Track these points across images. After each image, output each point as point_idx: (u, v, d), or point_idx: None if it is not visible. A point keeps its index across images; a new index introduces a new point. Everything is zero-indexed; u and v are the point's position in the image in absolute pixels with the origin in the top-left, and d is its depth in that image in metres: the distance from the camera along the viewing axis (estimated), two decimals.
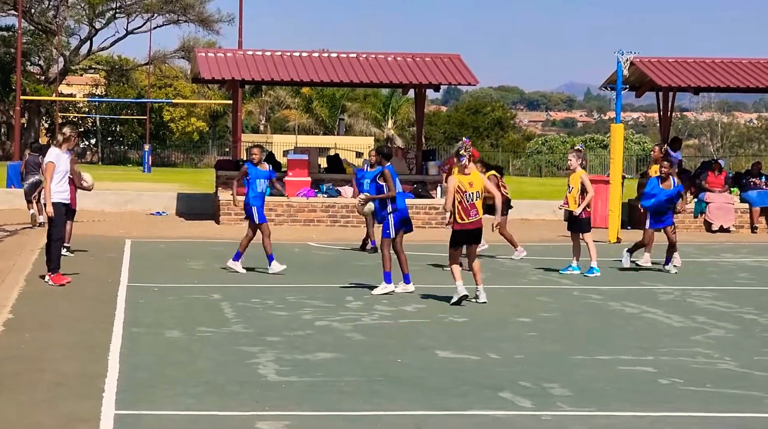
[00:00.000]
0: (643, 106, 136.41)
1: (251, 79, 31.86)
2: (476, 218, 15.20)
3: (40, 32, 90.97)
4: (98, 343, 11.83)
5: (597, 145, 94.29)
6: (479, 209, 15.22)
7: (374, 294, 16.16)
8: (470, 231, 15.22)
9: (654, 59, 33.28)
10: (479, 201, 15.17)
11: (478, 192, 15.15)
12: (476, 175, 15.31)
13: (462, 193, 15.06)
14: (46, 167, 16.77)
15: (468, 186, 15.09)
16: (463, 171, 15.24)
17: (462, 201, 15.07)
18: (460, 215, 15.11)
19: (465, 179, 15.16)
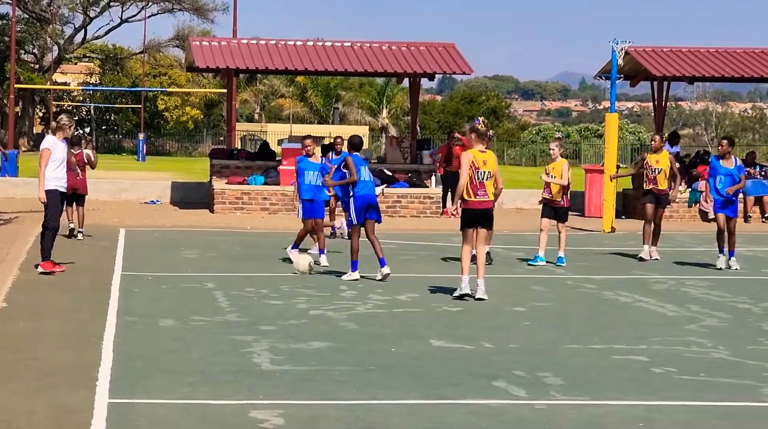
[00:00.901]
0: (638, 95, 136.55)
1: (246, 68, 31.85)
2: (485, 199, 14.76)
3: (34, 20, 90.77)
4: (92, 333, 11.83)
5: (592, 135, 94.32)
6: (489, 191, 14.78)
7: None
8: (479, 211, 14.74)
9: (649, 48, 33.29)
10: (489, 182, 14.76)
11: (490, 172, 14.73)
12: (491, 155, 14.89)
13: (474, 170, 14.65)
14: (41, 154, 16.56)
15: (482, 164, 14.69)
16: (479, 146, 14.85)
17: (473, 178, 14.66)
18: (468, 193, 14.68)
19: (480, 156, 14.75)
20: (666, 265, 19.72)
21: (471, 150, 14.82)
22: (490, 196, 14.84)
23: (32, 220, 25.04)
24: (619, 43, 27.80)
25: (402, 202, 29.67)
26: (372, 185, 16.93)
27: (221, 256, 19.68)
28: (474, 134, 14.88)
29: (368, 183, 16.79)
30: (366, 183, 16.72)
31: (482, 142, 14.86)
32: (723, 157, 19.55)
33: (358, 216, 16.60)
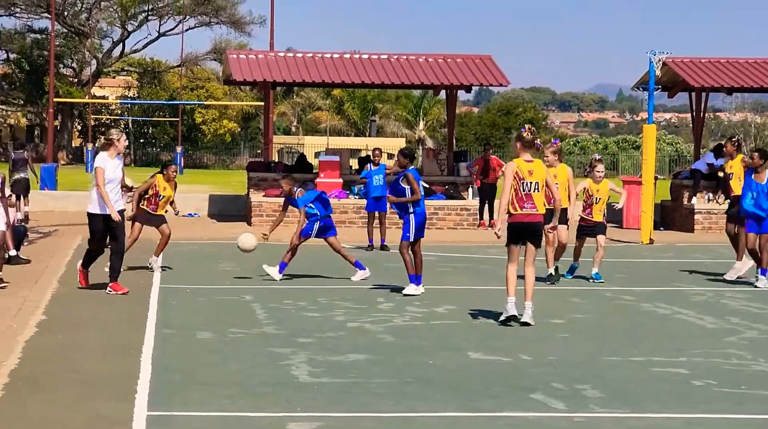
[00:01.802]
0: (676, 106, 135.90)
1: (283, 81, 31.94)
2: (533, 211, 13.57)
3: (73, 35, 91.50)
4: (130, 345, 11.86)
5: (629, 146, 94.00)
6: (538, 204, 13.60)
7: (404, 294, 16.16)
8: (525, 224, 13.54)
9: (687, 59, 33.14)
10: (538, 194, 13.59)
11: (538, 183, 13.58)
12: (539, 164, 13.76)
13: (519, 181, 13.53)
14: (96, 172, 15.68)
15: (527, 174, 13.54)
16: (525, 155, 13.75)
17: (518, 189, 13.53)
18: (513, 205, 13.55)
19: (525, 166, 13.62)
20: (706, 277, 19.58)
21: (516, 159, 13.74)
22: (540, 209, 13.66)
23: (71, 233, 25.18)
24: (657, 54, 27.69)
25: (439, 214, 29.64)
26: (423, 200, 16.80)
27: (259, 269, 19.69)
28: (519, 143, 13.80)
29: (422, 199, 16.67)
30: (422, 199, 16.60)
31: (529, 151, 13.77)
32: (756, 171, 18.51)
33: (416, 232, 16.40)
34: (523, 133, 13.79)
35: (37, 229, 26.33)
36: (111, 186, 15.66)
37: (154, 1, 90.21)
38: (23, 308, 14.37)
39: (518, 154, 13.79)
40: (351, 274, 18.07)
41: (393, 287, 17.05)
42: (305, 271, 19.17)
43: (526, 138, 13.71)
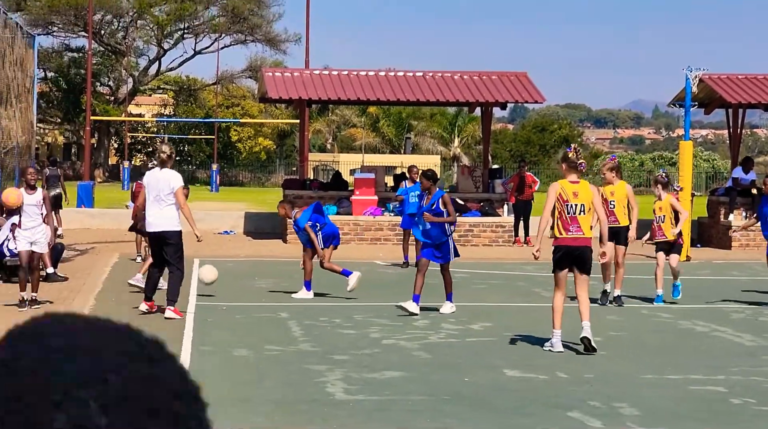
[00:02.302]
0: (713, 122, 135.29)
1: (318, 99, 32.02)
2: (579, 235, 12.91)
3: (109, 53, 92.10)
4: None
5: (665, 163, 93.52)
6: (584, 227, 12.94)
7: (442, 313, 16.13)
8: (571, 249, 12.91)
9: (723, 76, 33.00)
10: (585, 217, 12.93)
11: (584, 205, 12.95)
12: (585, 186, 13.14)
13: (563, 203, 12.92)
14: (180, 192, 15.28)
15: (572, 196, 12.93)
16: (571, 176, 13.15)
17: (562, 212, 12.94)
18: (558, 229, 13.01)
19: (570, 188, 13.02)
20: (743, 294, 19.45)
21: (560, 181, 13.18)
22: (587, 233, 12.97)
23: (107, 251, 25.30)
24: (693, 70, 27.58)
25: (474, 231, 29.60)
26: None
27: (294, 286, 19.73)
28: (564, 164, 13.25)
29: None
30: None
31: (574, 172, 13.16)
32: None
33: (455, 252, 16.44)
34: (568, 153, 13.38)
35: (74, 246, 26.47)
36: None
37: (190, 20, 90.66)
38: None
39: (564, 174, 13.23)
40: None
41: (428, 305, 17.03)
42: (340, 288, 19.18)
43: (570, 159, 13.20)
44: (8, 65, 21.54)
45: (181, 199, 15.26)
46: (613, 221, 16.94)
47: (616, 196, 17.40)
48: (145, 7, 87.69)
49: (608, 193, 17.31)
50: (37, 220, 16.08)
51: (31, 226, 16.04)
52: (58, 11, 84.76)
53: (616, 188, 17.51)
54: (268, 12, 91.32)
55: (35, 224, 16.05)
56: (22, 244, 16.07)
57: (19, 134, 22.39)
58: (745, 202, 30.84)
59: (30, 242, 16.01)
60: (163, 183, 15.16)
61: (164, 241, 15.28)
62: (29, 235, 16.02)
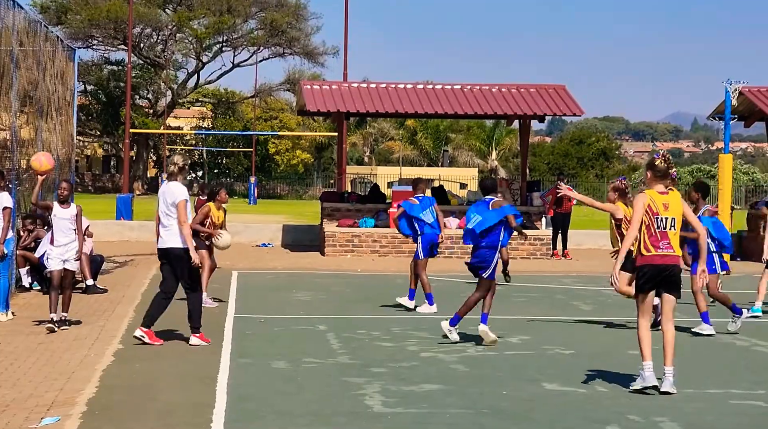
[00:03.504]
0: (752, 135, 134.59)
1: (356, 111, 32.07)
2: (669, 252, 11.40)
3: (148, 66, 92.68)
4: (206, 374, 11.94)
5: (704, 176, 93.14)
6: (674, 243, 11.45)
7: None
8: (660, 267, 11.40)
9: (763, 89, 32.83)
10: (674, 232, 11.45)
11: (674, 219, 11.44)
12: (676, 197, 11.53)
13: (652, 216, 11.40)
14: (182, 205, 14.04)
15: (662, 208, 11.41)
16: (658, 186, 11.56)
17: (650, 226, 11.40)
18: (645, 245, 11.43)
19: (659, 199, 11.45)
20: None
21: (648, 190, 11.58)
22: (677, 250, 11.50)
23: (147, 263, 25.43)
24: (733, 83, 27.48)
25: (512, 244, 29.53)
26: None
27: (332, 299, 19.77)
28: (651, 172, 11.61)
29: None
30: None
31: (662, 182, 11.56)
32: None
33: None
34: (655, 160, 11.64)
35: (114, 258, 26.62)
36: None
37: (229, 33, 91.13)
38: (100, 337, 14.52)
39: (650, 184, 11.63)
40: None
41: (467, 318, 16.99)
42: (378, 301, 19.19)
43: (658, 167, 11.55)
44: (49, 78, 21.70)
45: (182, 214, 14.00)
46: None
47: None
48: (184, 21, 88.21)
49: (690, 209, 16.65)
50: (71, 236, 15.39)
51: (64, 242, 15.35)
52: (98, 25, 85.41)
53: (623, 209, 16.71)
54: (306, 25, 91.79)
55: (68, 240, 15.37)
56: (55, 263, 15.31)
57: (60, 147, 22.54)
58: None
59: (63, 260, 15.32)
60: (168, 196, 14.16)
61: (172, 259, 14.15)
62: (62, 253, 15.33)
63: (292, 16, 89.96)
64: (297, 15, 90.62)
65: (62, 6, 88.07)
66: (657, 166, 11.53)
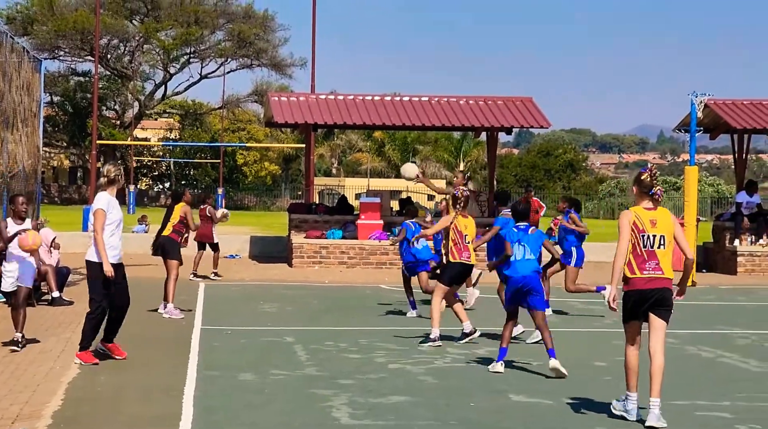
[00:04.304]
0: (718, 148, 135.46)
1: (324, 123, 32.05)
2: (657, 275, 10.45)
3: (115, 77, 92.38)
4: (173, 386, 11.89)
5: (670, 188, 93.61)
6: (664, 264, 10.51)
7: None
8: (646, 294, 10.47)
9: (728, 101, 33.04)
10: (664, 252, 10.50)
11: (663, 236, 10.52)
12: (664, 213, 10.68)
13: (638, 233, 10.52)
14: (96, 215, 13.20)
15: (649, 225, 10.52)
16: (645, 203, 10.71)
17: (636, 244, 10.51)
18: (631, 267, 10.50)
19: (646, 215, 10.59)
20: (749, 320, 19.43)
21: (633, 207, 10.74)
22: (667, 273, 10.51)
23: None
24: (699, 96, 27.62)
25: (480, 256, 29.56)
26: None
27: (300, 310, 19.75)
28: (636, 187, 10.80)
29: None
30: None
31: (649, 198, 10.75)
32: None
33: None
34: (642, 174, 10.86)
35: (80, 270, 26.47)
36: (111, 228, 13.33)
37: (196, 44, 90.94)
38: (66, 350, 14.43)
39: (637, 201, 10.80)
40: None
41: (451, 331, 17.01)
42: (346, 312, 19.18)
43: (644, 182, 10.75)
44: (15, 89, 21.60)
45: (97, 223, 13.13)
46: (467, 258, 15.62)
47: (468, 231, 15.71)
48: (152, 32, 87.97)
49: (462, 226, 15.66)
50: (24, 254, 14.48)
51: (18, 260, 14.48)
52: (64, 36, 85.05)
53: (468, 222, 15.85)
54: (274, 37, 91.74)
55: (22, 258, 14.49)
56: (8, 285, 14.51)
57: (25, 158, 22.43)
58: (751, 227, 30.85)
59: (16, 279, 14.46)
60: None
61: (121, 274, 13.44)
62: (13, 272, 14.47)
63: (260, 28, 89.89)
64: (265, 26, 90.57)
65: (28, 17, 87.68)
66: (643, 181, 10.75)
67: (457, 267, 15.52)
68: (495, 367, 13.37)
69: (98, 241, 13.12)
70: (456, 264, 15.50)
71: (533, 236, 13.94)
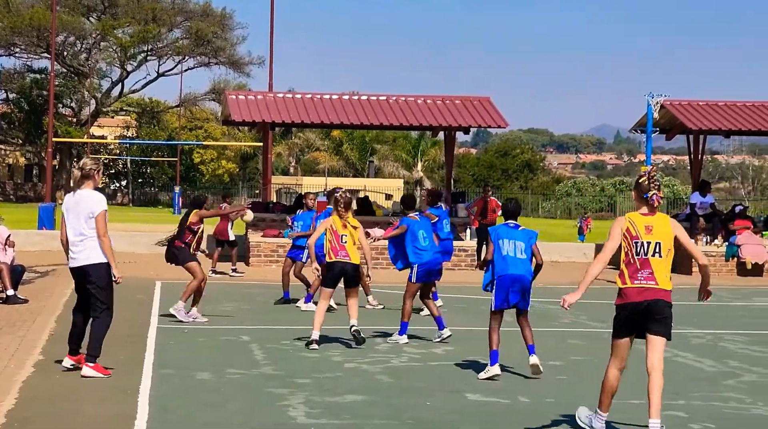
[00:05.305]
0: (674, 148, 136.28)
1: (281, 122, 32.01)
2: (650, 285, 9.77)
3: (72, 75, 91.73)
4: (129, 385, 11.83)
5: (627, 188, 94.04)
6: (659, 274, 9.84)
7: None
8: (637, 306, 9.78)
9: (684, 102, 33.26)
10: (660, 260, 9.80)
11: (660, 243, 9.73)
12: (663, 219, 9.86)
13: (631, 240, 9.76)
14: (100, 218, 12.40)
15: (643, 231, 9.74)
16: (643, 209, 9.90)
17: (629, 252, 9.76)
18: (622, 277, 9.79)
19: (641, 220, 9.81)
20: (704, 319, 19.57)
21: (629, 213, 9.94)
22: (662, 284, 9.86)
23: (68, 273, 25.14)
24: (655, 96, 27.78)
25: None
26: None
27: (257, 309, 19.71)
28: (635, 191, 10.00)
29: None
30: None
31: (646, 202, 9.90)
32: None
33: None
34: (640, 178, 10.00)
35: (35, 268, 26.31)
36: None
37: (154, 42, 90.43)
38: (20, 348, 14.34)
39: (636, 206, 10.00)
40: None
41: (392, 330, 17.02)
42: (302, 311, 19.16)
43: (642, 186, 9.89)
44: None
45: (101, 227, 12.38)
46: (344, 256, 15.38)
47: (348, 230, 15.44)
48: (109, 29, 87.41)
49: (338, 227, 15.49)
50: None
51: None
52: (20, 32, 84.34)
53: (350, 222, 15.54)
54: (232, 35, 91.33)
55: None
56: None
57: None
58: (707, 227, 31.07)
59: None
60: (83, 206, 12.45)
61: (87, 278, 12.54)
62: None
63: (218, 26, 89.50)
64: (222, 25, 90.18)
65: None
66: (640, 185, 9.89)
67: (332, 266, 15.35)
68: (489, 371, 12.88)
69: (106, 245, 12.37)
70: (331, 263, 15.34)
71: (525, 234, 13.46)
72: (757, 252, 30.36)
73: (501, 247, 13.17)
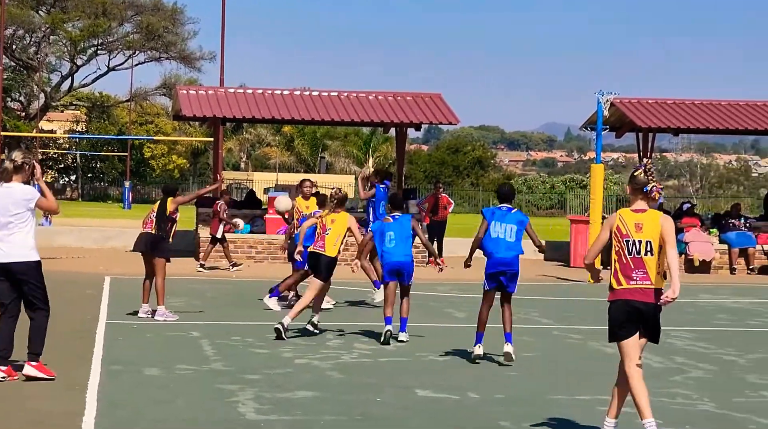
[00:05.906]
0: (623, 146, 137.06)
1: (232, 117, 31.93)
2: (644, 285, 9.25)
3: (21, 68, 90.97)
4: (76, 381, 11.76)
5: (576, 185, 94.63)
6: (651, 273, 9.25)
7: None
8: (634, 307, 9.34)
9: (634, 100, 33.47)
10: (651, 259, 9.22)
11: (650, 242, 9.22)
12: (653, 216, 9.32)
13: (621, 239, 9.30)
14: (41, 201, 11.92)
15: (633, 229, 9.27)
16: (637, 205, 9.43)
17: (620, 251, 9.31)
18: (616, 278, 9.32)
19: (630, 217, 9.36)
20: None
21: (620, 210, 9.50)
22: (656, 283, 9.29)
23: None
24: (605, 94, 27.93)
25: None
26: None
27: (207, 305, 19.64)
28: (630, 185, 9.53)
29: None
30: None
31: (641, 197, 9.45)
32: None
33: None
34: (635, 171, 9.51)
35: None
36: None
37: (104, 36, 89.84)
38: None
39: (631, 200, 9.50)
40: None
41: (342, 325, 17.04)
42: (253, 307, 19.12)
43: (638, 179, 9.44)
44: None
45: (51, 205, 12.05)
46: (320, 247, 15.96)
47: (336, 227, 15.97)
48: (58, 23, 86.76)
49: (327, 221, 16.11)
50: None
51: None
52: None
53: (338, 217, 16.06)
54: (183, 30, 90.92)
55: None
56: None
57: None
58: None
59: None
60: (10, 200, 11.71)
61: (17, 277, 11.69)
62: None
63: (169, 21, 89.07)
64: (173, 19, 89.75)
65: None
66: (637, 178, 9.42)
67: (310, 255, 16.33)
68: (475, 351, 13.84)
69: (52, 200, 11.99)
70: (310, 252, 16.29)
71: (517, 218, 13.88)
72: (704, 249, 30.63)
73: (492, 228, 13.73)
